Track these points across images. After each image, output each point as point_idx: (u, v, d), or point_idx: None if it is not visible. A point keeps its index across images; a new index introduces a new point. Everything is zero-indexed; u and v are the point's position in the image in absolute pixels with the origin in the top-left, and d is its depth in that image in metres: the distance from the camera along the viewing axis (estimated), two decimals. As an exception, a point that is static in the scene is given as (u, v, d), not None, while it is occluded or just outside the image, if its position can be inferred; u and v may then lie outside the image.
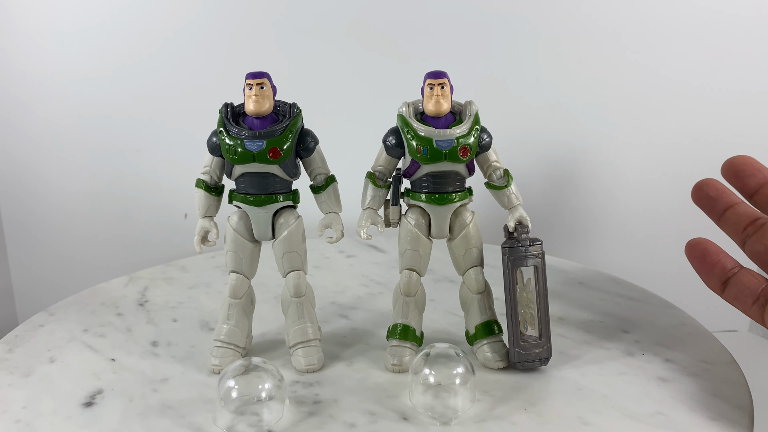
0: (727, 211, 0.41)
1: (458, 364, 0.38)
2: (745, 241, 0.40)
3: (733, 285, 0.40)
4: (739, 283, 0.39)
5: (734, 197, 0.42)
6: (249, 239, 0.43)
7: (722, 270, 0.40)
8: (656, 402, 0.39)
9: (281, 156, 0.40)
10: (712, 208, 0.42)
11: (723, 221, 0.42)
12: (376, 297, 0.56)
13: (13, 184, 0.73)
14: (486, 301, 0.44)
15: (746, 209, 0.41)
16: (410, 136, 0.41)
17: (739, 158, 0.43)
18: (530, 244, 0.42)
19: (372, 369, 0.43)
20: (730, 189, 0.43)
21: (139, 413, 0.38)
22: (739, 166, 0.42)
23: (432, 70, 0.41)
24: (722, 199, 0.42)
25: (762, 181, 0.41)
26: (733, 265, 0.40)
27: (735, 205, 0.41)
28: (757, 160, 0.42)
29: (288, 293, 0.43)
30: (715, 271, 0.40)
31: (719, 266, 0.40)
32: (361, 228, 0.43)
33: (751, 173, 0.42)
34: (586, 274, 0.62)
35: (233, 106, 0.42)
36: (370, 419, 0.37)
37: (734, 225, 0.41)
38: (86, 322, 0.51)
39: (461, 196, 0.43)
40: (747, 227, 0.40)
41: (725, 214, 0.41)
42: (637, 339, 0.47)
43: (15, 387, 0.41)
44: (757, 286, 0.39)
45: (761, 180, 0.41)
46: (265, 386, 0.37)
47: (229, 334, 0.43)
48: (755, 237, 0.39)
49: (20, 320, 0.76)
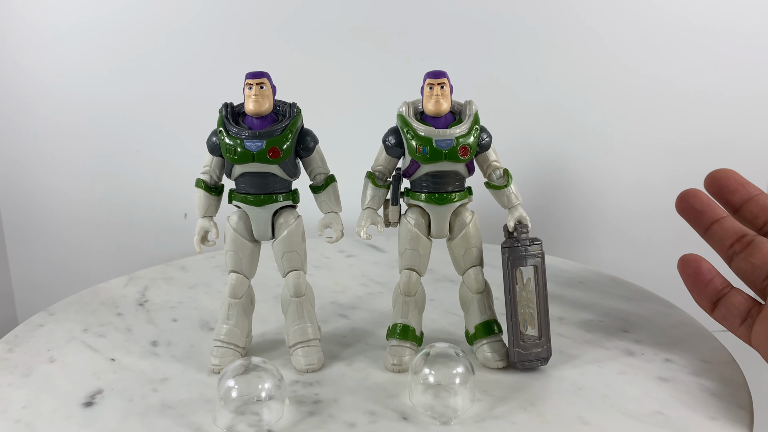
0: (713, 225, 0.41)
1: (458, 364, 0.38)
2: (731, 258, 0.40)
3: (722, 305, 0.40)
4: (728, 303, 0.40)
5: (720, 210, 0.42)
6: (249, 239, 0.43)
7: (713, 290, 0.40)
8: (656, 402, 0.39)
9: (281, 156, 0.40)
10: (698, 220, 0.42)
11: (709, 235, 0.42)
12: (376, 297, 0.56)
13: (13, 184, 0.73)
14: (486, 300, 0.44)
15: (733, 224, 0.41)
16: (410, 135, 0.41)
17: (722, 172, 0.42)
18: (530, 243, 0.42)
19: (372, 369, 0.43)
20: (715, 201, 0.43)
21: (139, 413, 0.38)
22: (723, 181, 0.42)
23: (432, 70, 0.41)
24: (708, 213, 0.42)
25: (746, 196, 0.41)
26: (723, 285, 0.40)
27: (721, 220, 0.41)
28: (739, 174, 0.42)
29: (288, 293, 0.43)
30: (707, 291, 0.40)
31: (711, 286, 0.40)
32: (361, 228, 0.43)
33: (734, 189, 0.42)
34: (586, 274, 0.61)
35: (233, 106, 0.42)
36: (370, 419, 0.37)
37: (720, 240, 0.41)
38: (86, 322, 0.51)
39: (461, 196, 0.43)
40: (734, 244, 0.40)
41: (711, 227, 0.41)
42: (637, 339, 0.47)
43: (15, 387, 0.41)
44: (745, 306, 0.39)
45: (745, 195, 0.41)
46: (265, 386, 0.37)
47: (228, 333, 0.43)
48: (742, 255, 0.39)
49: (20, 320, 0.76)
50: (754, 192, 0.42)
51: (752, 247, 0.39)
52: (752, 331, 0.38)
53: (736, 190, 0.42)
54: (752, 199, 0.41)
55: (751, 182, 0.42)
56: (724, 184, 0.42)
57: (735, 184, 0.42)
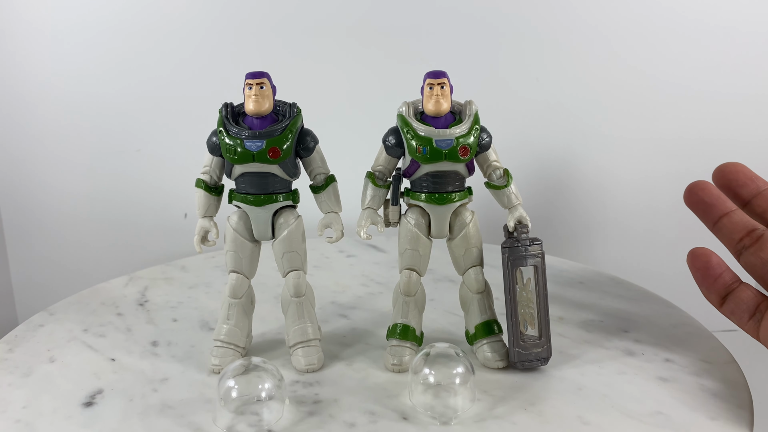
0: (722, 219, 0.41)
1: (458, 364, 0.38)
2: (740, 252, 0.40)
3: (731, 300, 0.40)
4: (737, 298, 0.39)
5: (729, 204, 0.41)
6: (249, 239, 0.43)
7: (723, 285, 0.40)
8: (656, 402, 0.39)
9: (281, 156, 0.40)
10: (707, 213, 0.42)
11: (717, 229, 0.41)
12: (376, 297, 0.56)
13: (13, 184, 0.73)
14: (486, 300, 0.44)
15: (742, 218, 0.40)
16: (410, 135, 0.41)
17: (731, 166, 0.42)
18: (530, 243, 0.42)
19: (372, 369, 0.43)
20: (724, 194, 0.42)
21: (139, 413, 0.38)
22: (731, 175, 0.42)
23: (432, 70, 0.41)
24: (718, 206, 0.41)
25: (755, 190, 0.41)
26: (732, 279, 0.40)
27: (730, 213, 0.41)
28: (748, 167, 0.42)
29: (288, 293, 0.43)
30: (717, 285, 0.40)
31: (720, 281, 0.40)
32: (361, 228, 0.43)
33: (743, 183, 0.41)
34: (586, 274, 0.61)
35: (233, 106, 0.42)
36: (370, 419, 0.37)
37: (730, 234, 0.40)
38: (86, 322, 0.51)
39: (461, 196, 0.43)
40: (743, 238, 0.40)
41: (720, 221, 0.41)
42: (637, 339, 0.47)
43: (15, 387, 0.41)
44: (754, 301, 0.39)
45: (754, 190, 0.41)
46: (265, 386, 0.37)
47: (229, 333, 0.43)
48: (752, 249, 0.39)
49: (20, 320, 0.76)
50: (763, 186, 0.41)
51: (762, 241, 0.39)
52: (760, 326, 0.38)
53: (745, 183, 0.41)
54: (761, 193, 0.41)
55: (760, 176, 0.42)
56: (733, 178, 0.42)
57: (744, 177, 0.41)
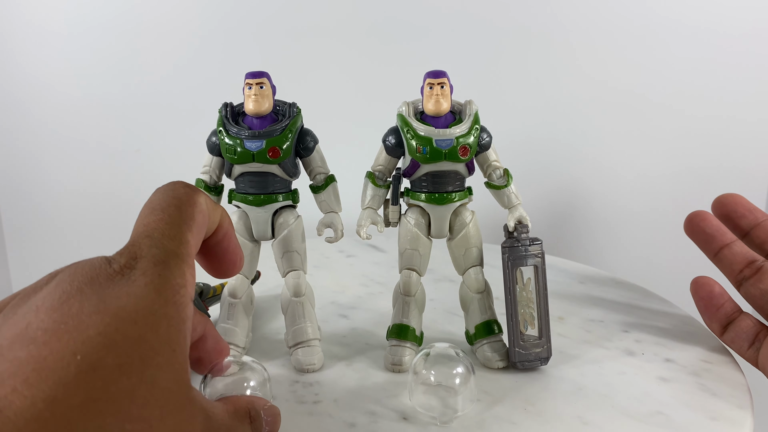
0: (722, 250, 0.43)
1: (458, 364, 0.38)
2: (741, 282, 0.42)
3: (731, 329, 0.42)
4: (738, 327, 0.41)
5: (729, 235, 0.43)
6: (248, 239, 0.43)
7: (725, 315, 0.42)
8: (656, 402, 0.39)
9: (281, 155, 0.40)
10: (708, 244, 0.44)
11: (718, 259, 0.43)
12: (376, 297, 0.56)
13: (13, 184, 0.73)
14: (486, 300, 0.44)
15: (742, 249, 0.43)
16: (410, 135, 0.41)
17: (729, 197, 0.44)
18: (530, 243, 0.42)
19: (372, 369, 0.43)
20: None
21: (138, 413, 0.38)
22: (731, 206, 0.44)
23: (431, 70, 0.41)
24: (718, 237, 0.43)
25: (753, 222, 0.43)
26: (734, 309, 0.42)
27: (731, 244, 0.43)
28: (746, 199, 0.44)
29: (287, 293, 0.43)
30: (719, 315, 0.42)
31: (722, 311, 0.42)
32: (361, 228, 0.43)
33: (742, 214, 0.43)
34: (586, 274, 0.61)
35: (233, 106, 0.42)
36: (370, 419, 0.37)
37: (730, 265, 0.42)
38: (86, 322, 0.50)
39: (461, 196, 0.42)
40: (743, 269, 0.42)
41: (721, 252, 0.43)
42: (637, 339, 0.47)
43: (14, 387, 0.41)
44: (753, 331, 0.41)
45: (752, 221, 0.43)
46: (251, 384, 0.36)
47: (228, 333, 0.43)
48: (752, 281, 0.41)
49: (20, 320, 0.76)
50: (761, 218, 0.43)
51: (761, 273, 0.41)
52: (759, 354, 0.40)
53: (744, 215, 0.43)
54: (760, 224, 0.42)
55: (758, 207, 0.44)
56: (732, 209, 0.43)
57: (743, 209, 0.43)
